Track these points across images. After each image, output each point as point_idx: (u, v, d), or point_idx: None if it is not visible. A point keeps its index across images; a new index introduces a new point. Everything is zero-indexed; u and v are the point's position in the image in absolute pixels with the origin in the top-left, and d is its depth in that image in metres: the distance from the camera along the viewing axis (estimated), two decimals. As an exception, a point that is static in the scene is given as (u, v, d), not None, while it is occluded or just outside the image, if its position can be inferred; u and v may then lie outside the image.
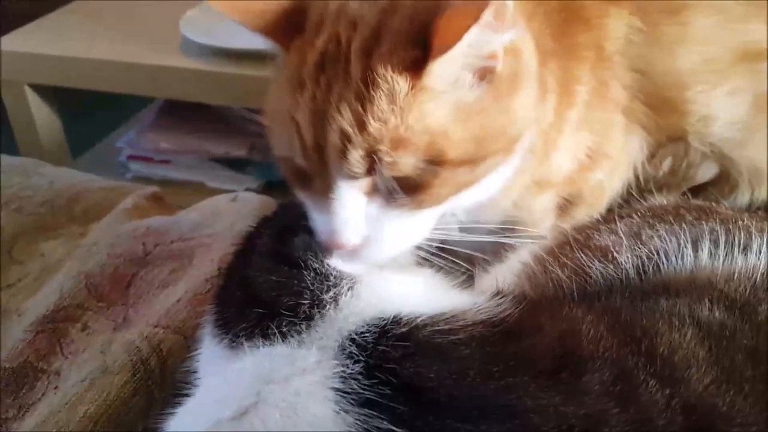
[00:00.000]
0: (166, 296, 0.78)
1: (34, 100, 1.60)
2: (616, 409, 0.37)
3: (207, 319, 0.55)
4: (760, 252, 0.52)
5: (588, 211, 0.67)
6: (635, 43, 0.62)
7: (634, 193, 0.68)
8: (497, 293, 0.51)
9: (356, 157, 0.49)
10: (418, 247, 0.57)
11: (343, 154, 0.49)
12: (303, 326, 0.48)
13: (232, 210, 0.93)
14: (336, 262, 0.52)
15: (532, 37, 0.56)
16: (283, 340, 0.48)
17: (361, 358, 0.44)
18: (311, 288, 0.50)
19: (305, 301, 0.49)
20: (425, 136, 0.49)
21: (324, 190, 0.52)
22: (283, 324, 0.48)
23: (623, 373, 0.40)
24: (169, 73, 1.48)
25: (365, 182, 0.51)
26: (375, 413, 0.41)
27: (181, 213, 0.96)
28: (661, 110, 0.64)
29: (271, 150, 0.56)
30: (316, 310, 0.49)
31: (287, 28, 0.53)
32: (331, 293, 0.50)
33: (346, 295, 0.50)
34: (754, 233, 0.54)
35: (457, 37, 0.46)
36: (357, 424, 0.41)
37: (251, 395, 0.44)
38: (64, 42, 1.58)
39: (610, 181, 0.66)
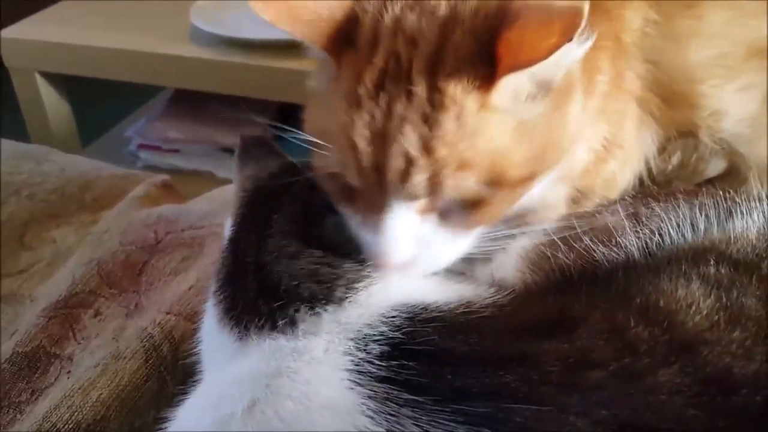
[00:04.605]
0: (177, 284, 0.78)
1: (44, 87, 1.62)
2: (602, 342, 0.43)
3: (214, 303, 0.54)
4: (749, 214, 0.54)
5: (599, 203, 0.67)
6: (650, 34, 0.61)
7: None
8: (497, 282, 0.54)
9: (420, 179, 0.48)
10: None
11: (406, 176, 0.48)
12: (317, 313, 0.48)
13: (242, 199, 0.94)
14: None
15: None
16: (293, 331, 0.48)
17: (380, 341, 0.45)
18: (334, 274, 0.51)
19: (324, 286, 0.50)
20: (489, 156, 0.48)
21: (377, 209, 0.50)
22: (295, 313, 0.49)
23: (614, 325, 0.45)
24: (178, 62, 1.49)
25: (422, 203, 0.50)
26: (394, 388, 0.42)
27: (192, 202, 0.97)
28: (672, 103, 0.64)
29: (314, 165, 0.54)
30: (340, 293, 0.49)
31: (339, 39, 0.51)
32: (343, 288, 0.50)
33: (360, 293, 0.50)
34: (738, 199, 0.56)
35: (544, 53, 0.45)
36: (374, 398, 0.42)
37: (262, 387, 0.45)
38: (74, 30, 1.59)
39: (622, 172, 0.66)
